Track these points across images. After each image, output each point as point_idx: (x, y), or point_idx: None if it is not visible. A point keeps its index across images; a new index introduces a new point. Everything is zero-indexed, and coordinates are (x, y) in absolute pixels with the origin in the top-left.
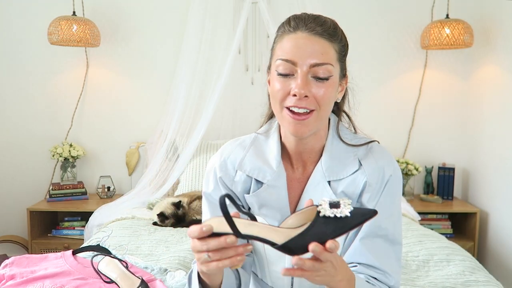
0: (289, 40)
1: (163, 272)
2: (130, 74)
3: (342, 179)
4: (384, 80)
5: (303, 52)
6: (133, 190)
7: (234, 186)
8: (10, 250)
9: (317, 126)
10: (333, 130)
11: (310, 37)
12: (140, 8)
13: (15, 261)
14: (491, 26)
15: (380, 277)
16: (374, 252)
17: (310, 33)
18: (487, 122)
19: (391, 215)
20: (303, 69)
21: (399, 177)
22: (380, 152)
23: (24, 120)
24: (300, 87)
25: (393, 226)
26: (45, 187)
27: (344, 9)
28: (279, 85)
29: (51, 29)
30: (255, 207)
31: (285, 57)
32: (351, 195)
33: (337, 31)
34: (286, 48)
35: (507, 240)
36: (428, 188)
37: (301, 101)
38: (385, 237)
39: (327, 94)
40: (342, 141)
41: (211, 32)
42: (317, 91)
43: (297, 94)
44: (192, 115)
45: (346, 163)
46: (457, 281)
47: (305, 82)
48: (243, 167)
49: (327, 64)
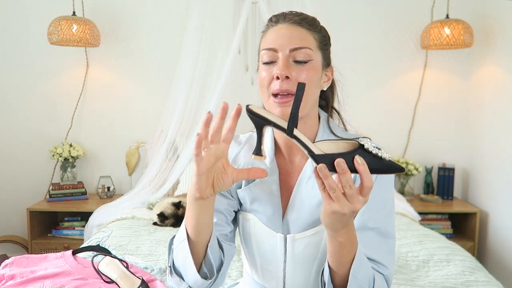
0: (271, 32)
1: (163, 273)
2: (130, 74)
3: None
4: (384, 80)
5: (283, 39)
6: (133, 190)
7: None
8: (10, 250)
9: (302, 109)
10: (323, 123)
11: (289, 26)
12: (140, 8)
13: (15, 261)
14: (491, 26)
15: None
16: (366, 243)
17: (289, 23)
18: (487, 122)
19: (383, 208)
20: (284, 54)
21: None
22: None
23: (24, 120)
24: (281, 68)
25: (385, 219)
26: (45, 187)
27: (344, 9)
28: (264, 73)
29: (51, 29)
30: (247, 201)
31: (268, 46)
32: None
33: (315, 22)
34: (269, 39)
35: (507, 240)
36: (428, 188)
37: (283, 83)
38: (377, 230)
39: (308, 77)
40: (333, 133)
41: (211, 32)
42: (298, 74)
43: (279, 76)
44: (192, 115)
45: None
46: (457, 281)
47: (285, 64)
48: (237, 162)
49: (305, 48)
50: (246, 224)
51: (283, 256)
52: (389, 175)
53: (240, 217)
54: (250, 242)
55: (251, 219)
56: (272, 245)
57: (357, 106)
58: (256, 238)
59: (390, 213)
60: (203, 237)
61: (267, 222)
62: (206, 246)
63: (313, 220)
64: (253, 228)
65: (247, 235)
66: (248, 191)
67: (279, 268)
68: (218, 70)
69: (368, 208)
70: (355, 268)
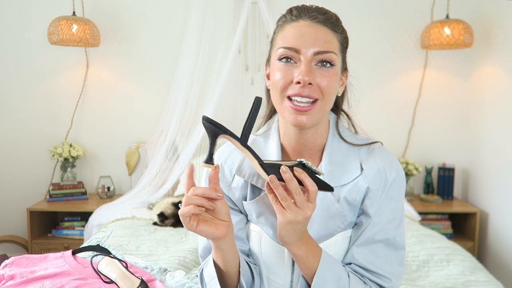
0: (292, 28)
1: (163, 272)
2: (130, 74)
3: (344, 185)
4: (384, 80)
5: (306, 40)
6: (133, 190)
7: (231, 192)
8: (10, 250)
9: (319, 117)
10: (333, 128)
11: (313, 25)
12: (140, 8)
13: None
14: (491, 26)
15: (373, 278)
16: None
17: (313, 21)
18: (487, 122)
19: (393, 219)
20: (307, 56)
21: (402, 181)
22: (382, 154)
23: (24, 120)
24: (304, 73)
25: (395, 230)
26: (45, 187)
27: (344, 9)
28: (281, 74)
29: (51, 29)
30: (253, 214)
31: (288, 45)
32: (353, 201)
33: (339, 22)
34: (289, 36)
35: (507, 240)
36: (428, 188)
37: (304, 89)
38: (386, 241)
39: (331, 83)
40: (343, 140)
41: (211, 32)
42: (321, 80)
43: (300, 81)
44: (192, 115)
45: (347, 167)
46: (457, 281)
47: (309, 69)
48: (241, 172)
49: (331, 53)
50: (253, 236)
51: (290, 268)
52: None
53: (247, 228)
54: (257, 254)
55: (257, 232)
56: (279, 257)
57: (357, 106)
58: (263, 251)
59: (400, 223)
60: (232, 268)
61: (273, 236)
62: (238, 272)
63: (323, 235)
64: (259, 241)
65: (253, 247)
66: (255, 205)
67: (286, 281)
68: (218, 70)
69: (377, 223)
70: (317, 281)
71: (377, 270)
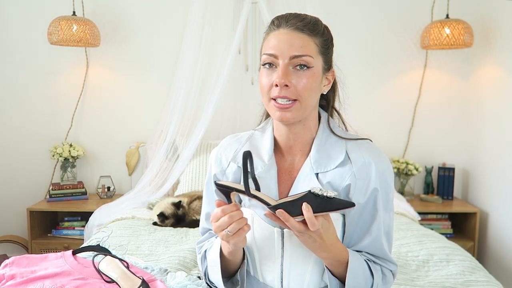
0: (273, 37)
1: (163, 273)
2: (130, 74)
3: (329, 171)
4: (384, 80)
5: (284, 46)
6: (133, 190)
7: (225, 177)
8: (10, 250)
9: (301, 114)
10: (324, 124)
11: (291, 32)
12: (140, 8)
13: (15, 261)
14: (491, 26)
15: (383, 264)
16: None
17: (291, 29)
18: (487, 122)
19: (389, 211)
20: (284, 61)
21: (392, 171)
22: (370, 149)
23: (24, 120)
24: (280, 77)
25: (389, 220)
26: (45, 187)
27: (344, 9)
28: (265, 78)
29: (51, 29)
30: (245, 198)
31: (269, 51)
32: (337, 187)
33: (317, 26)
34: (270, 44)
35: (507, 240)
36: (428, 188)
37: (281, 90)
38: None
39: (307, 85)
40: (333, 133)
41: (211, 32)
42: (297, 81)
43: (278, 84)
44: (192, 115)
45: (333, 155)
46: (457, 281)
47: (285, 73)
48: (237, 159)
49: (306, 56)
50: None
51: (280, 250)
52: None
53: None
54: (249, 238)
55: (250, 215)
56: (270, 240)
57: (357, 106)
58: (255, 233)
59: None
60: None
61: (264, 217)
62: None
63: None
64: (252, 223)
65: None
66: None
67: (277, 263)
68: (218, 70)
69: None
70: (349, 282)
71: (384, 256)
